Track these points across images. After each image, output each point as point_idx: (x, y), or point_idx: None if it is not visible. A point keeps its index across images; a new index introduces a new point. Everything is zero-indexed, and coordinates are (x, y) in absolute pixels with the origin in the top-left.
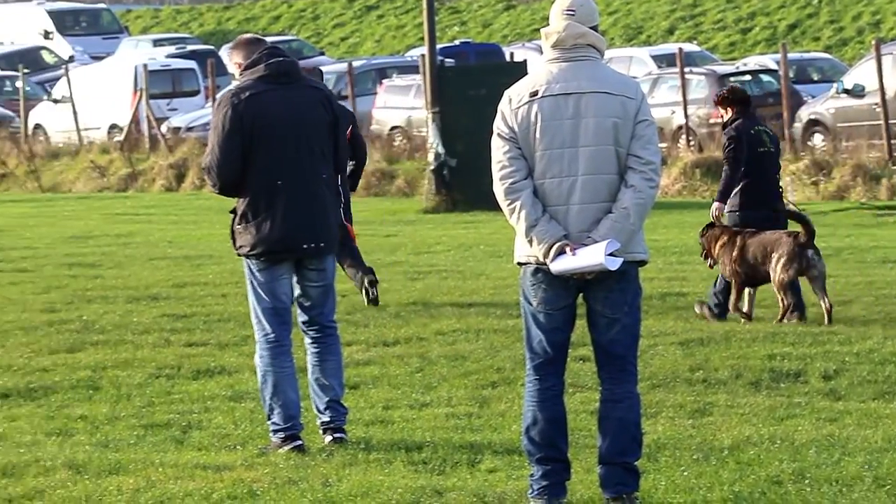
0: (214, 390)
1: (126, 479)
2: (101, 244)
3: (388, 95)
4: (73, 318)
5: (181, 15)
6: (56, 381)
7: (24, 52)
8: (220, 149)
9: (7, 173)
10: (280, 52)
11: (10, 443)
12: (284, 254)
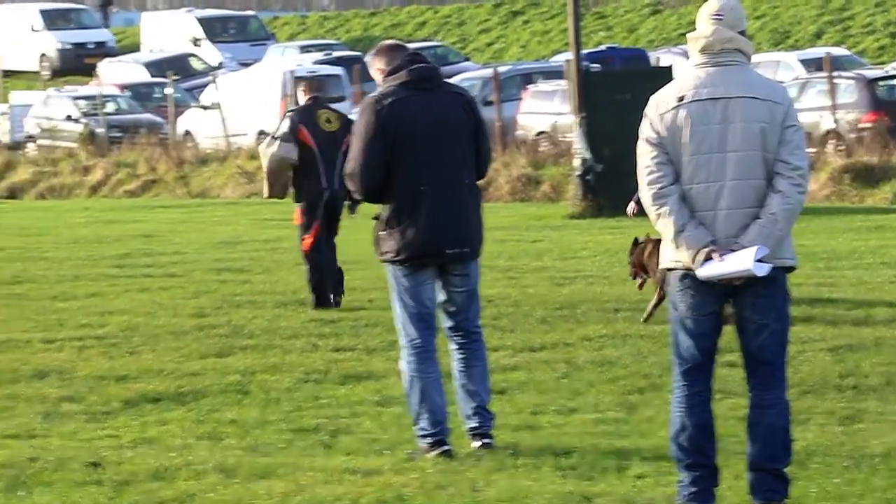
0: (362, 395)
1: (275, 484)
2: (250, 249)
3: (534, 101)
4: (222, 323)
5: (328, 21)
6: (206, 385)
7: (174, 59)
8: (364, 155)
9: (157, 179)
10: (421, 58)
11: (161, 446)
12: (428, 259)
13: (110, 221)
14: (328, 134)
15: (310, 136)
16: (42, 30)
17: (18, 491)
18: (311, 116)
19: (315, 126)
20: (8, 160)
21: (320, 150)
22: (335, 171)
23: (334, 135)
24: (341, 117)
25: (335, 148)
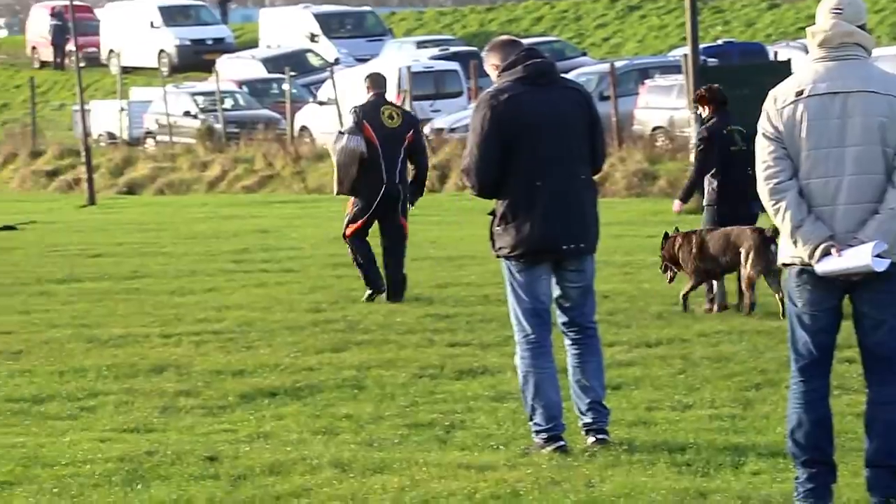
0: (477, 390)
1: (390, 478)
2: None
3: (651, 96)
4: (337, 318)
5: (444, 17)
6: (321, 380)
7: (291, 54)
8: (479, 151)
9: (274, 174)
10: (537, 53)
11: (278, 441)
12: (544, 255)
13: (228, 217)
14: (390, 130)
15: (373, 132)
16: (161, 26)
17: (136, 484)
18: (375, 112)
19: (378, 122)
20: (127, 156)
21: (382, 145)
22: (395, 167)
23: (396, 131)
24: (403, 114)
25: (397, 144)
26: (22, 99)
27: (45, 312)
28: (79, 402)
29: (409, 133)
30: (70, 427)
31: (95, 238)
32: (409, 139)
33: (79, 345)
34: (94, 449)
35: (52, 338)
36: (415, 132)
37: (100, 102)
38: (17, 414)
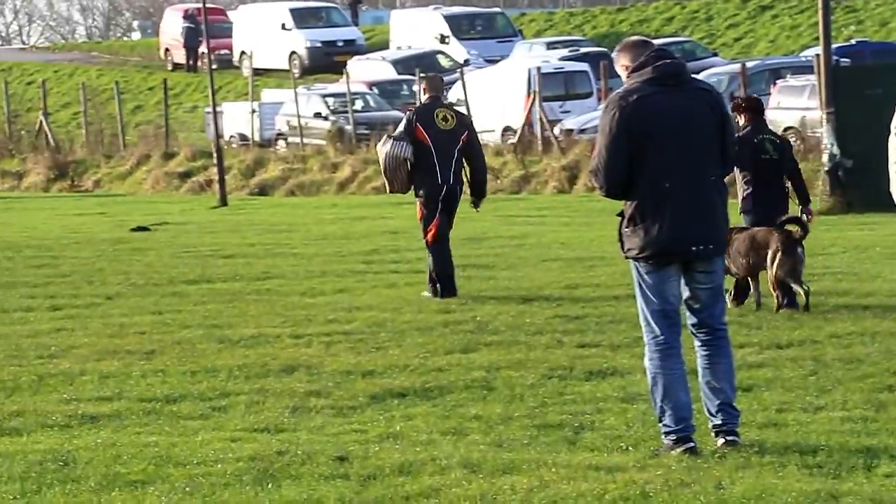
0: (607, 391)
1: (519, 479)
2: (495, 246)
3: (782, 96)
4: (467, 319)
5: (574, 17)
6: (451, 380)
7: (421, 56)
8: (607, 151)
9: None
10: (667, 54)
11: (407, 441)
12: (673, 256)
13: (358, 218)
14: (444, 132)
15: (426, 133)
16: (292, 28)
17: (266, 484)
18: (429, 115)
19: (432, 124)
20: (258, 157)
21: (436, 147)
22: (451, 168)
23: (451, 132)
24: (458, 115)
25: (451, 145)
26: (155, 101)
27: (178, 313)
28: (210, 401)
29: (464, 134)
30: (202, 427)
31: (227, 239)
32: (464, 140)
33: (210, 345)
34: (225, 448)
35: (184, 338)
36: (469, 133)
37: (232, 104)
38: (149, 413)
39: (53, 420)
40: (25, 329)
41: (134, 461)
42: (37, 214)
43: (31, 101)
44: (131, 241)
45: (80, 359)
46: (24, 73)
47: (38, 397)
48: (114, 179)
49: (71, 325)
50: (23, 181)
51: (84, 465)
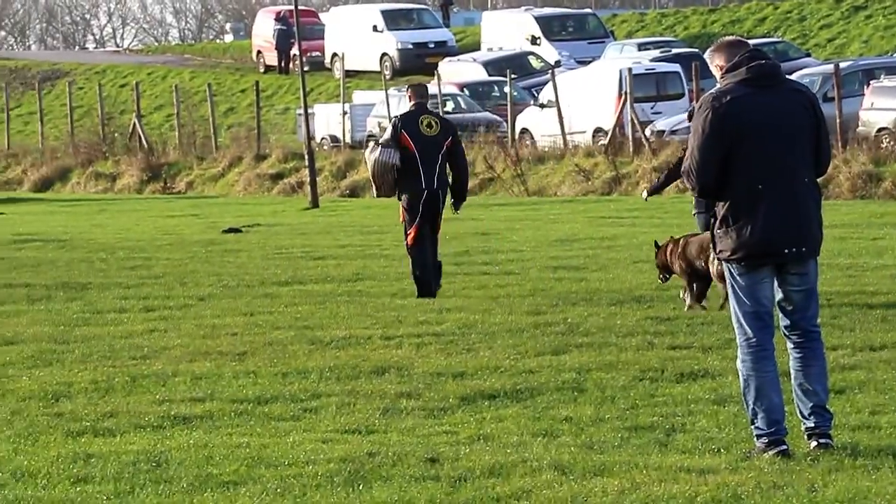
0: (698, 393)
1: (610, 481)
2: (586, 247)
3: (876, 97)
4: (557, 321)
5: (666, 18)
6: (541, 382)
7: (512, 57)
8: (699, 152)
9: (495, 177)
10: (762, 54)
11: (497, 443)
12: (765, 258)
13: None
14: (428, 138)
15: (411, 140)
16: (384, 30)
17: (357, 485)
18: (414, 122)
19: (417, 131)
20: (349, 159)
21: (420, 153)
22: (434, 172)
23: (434, 139)
24: (441, 122)
25: (435, 151)
26: (247, 103)
27: (269, 314)
28: (301, 403)
29: (447, 140)
30: (293, 428)
31: (318, 241)
32: (447, 146)
33: (302, 346)
34: (316, 450)
35: (275, 339)
36: (452, 139)
37: (323, 106)
38: (241, 415)
39: (146, 421)
40: (119, 330)
41: (226, 462)
42: (130, 216)
43: (124, 103)
44: (223, 243)
45: (173, 360)
46: (117, 75)
47: (132, 398)
48: (206, 181)
49: (164, 327)
50: (116, 183)
51: (176, 465)
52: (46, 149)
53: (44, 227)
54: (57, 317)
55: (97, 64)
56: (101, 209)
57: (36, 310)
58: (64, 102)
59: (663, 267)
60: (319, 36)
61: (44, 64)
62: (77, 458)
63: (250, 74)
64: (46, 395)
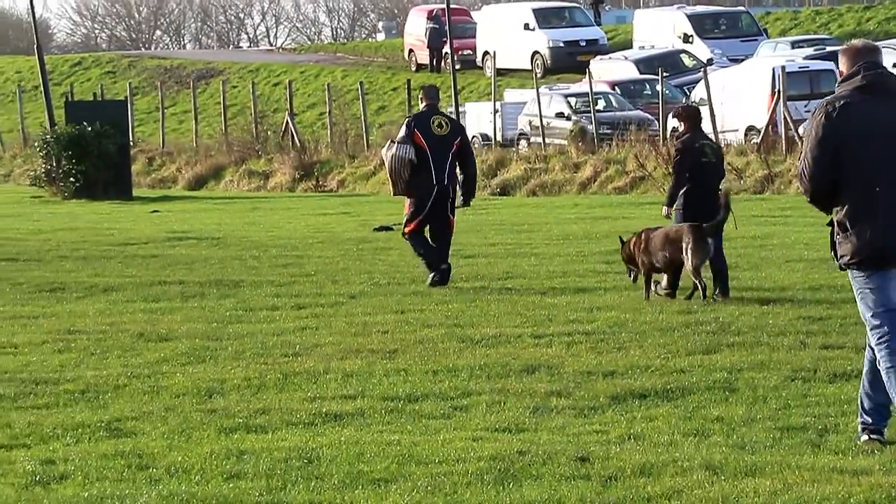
0: (851, 394)
1: (762, 482)
2: (737, 246)
3: None
4: (709, 320)
5: (820, 16)
6: (692, 382)
7: (664, 55)
8: (811, 156)
9: (645, 176)
10: (878, 63)
11: (648, 442)
12: (884, 262)
13: (599, 218)
14: (439, 137)
15: (423, 138)
16: (535, 28)
17: (508, 483)
18: (426, 122)
19: (429, 130)
20: (501, 157)
21: (432, 151)
22: (444, 170)
23: (445, 138)
24: (452, 123)
25: (446, 149)
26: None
27: (420, 312)
28: (452, 401)
29: (457, 140)
30: (443, 426)
31: (469, 239)
32: (457, 145)
33: (452, 344)
34: (466, 448)
35: (426, 337)
36: (461, 139)
37: (474, 104)
38: (392, 412)
39: (298, 418)
40: (271, 327)
41: (377, 459)
42: (282, 214)
43: (277, 101)
44: (374, 241)
45: (325, 357)
46: (270, 74)
47: (284, 395)
48: (357, 179)
49: (315, 324)
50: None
51: (328, 462)
52: (200, 147)
53: (197, 225)
54: (210, 314)
55: (251, 63)
56: (254, 207)
57: (190, 307)
58: (218, 101)
59: (629, 261)
60: (471, 34)
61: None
62: (230, 454)
63: (402, 73)
64: (200, 391)
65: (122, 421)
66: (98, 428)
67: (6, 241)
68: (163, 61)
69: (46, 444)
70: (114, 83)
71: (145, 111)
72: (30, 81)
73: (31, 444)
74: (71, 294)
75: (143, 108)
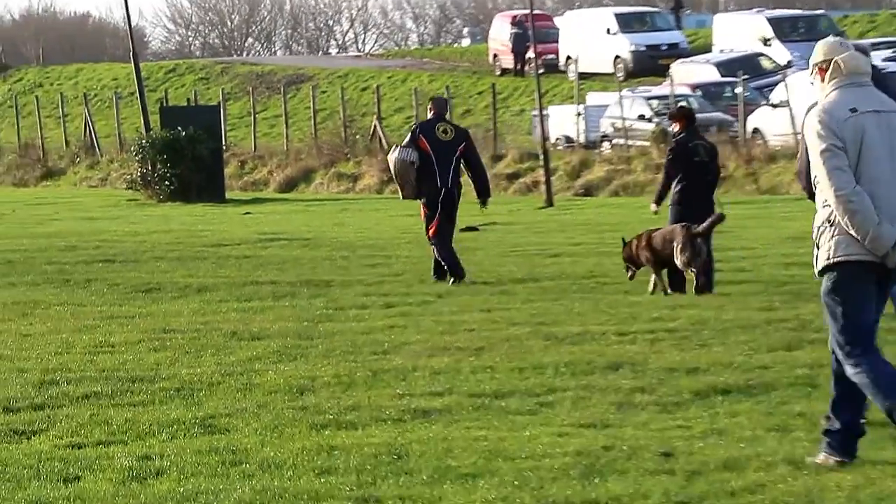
0: None
1: (845, 476)
2: None
3: None
4: (790, 317)
5: None
6: (775, 378)
7: (744, 58)
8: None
9: (726, 176)
10: None
11: (731, 438)
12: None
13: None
14: (444, 143)
15: (428, 143)
16: (617, 33)
17: (593, 478)
18: (431, 128)
19: (433, 136)
20: (583, 159)
21: (436, 156)
22: (449, 173)
23: (449, 143)
24: (456, 129)
25: (450, 154)
26: (483, 105)
27: (506, 310)
28: (538, 397)
29: (461, 145)
30: (529, 422)
31: (553, 238)
32: (461, 150)
33: (537, 342)
34: (552, 443)
35: (512, 335)
36: (466, 145)
37: (557, 108)
38: (478, 409)
39: (387, 414)
40: (360, 326)
41: (464, 455)
42: (370, 215)
43: (365, 106)
44: (461, 241)
45: (413, 355)
46: (359, 79)
47: (373, 392)
48: None
49: (403, 322)
50: (357, 183)
51: (417, 458)
52: (291, 150)
53: (288, 227)
54: (301, 313)
55: (339, 68)
56: (343, 209)
57: (281, 306)
58: (308, 105)
59: (629, 260)
60: (554, 39)
61: (289, 69)
62: (321, 450)
63: (487, 77)
64: (291, 388)
65: (216, 418)
66: (193, 424)
67: (103, 243)
68: (254, 67)
69: (143, 441)
70: (207, 89)
71: (237, 116)
72: (126, 88)
73: (128, 441)
74: (166, 294)
75: (235, 113)
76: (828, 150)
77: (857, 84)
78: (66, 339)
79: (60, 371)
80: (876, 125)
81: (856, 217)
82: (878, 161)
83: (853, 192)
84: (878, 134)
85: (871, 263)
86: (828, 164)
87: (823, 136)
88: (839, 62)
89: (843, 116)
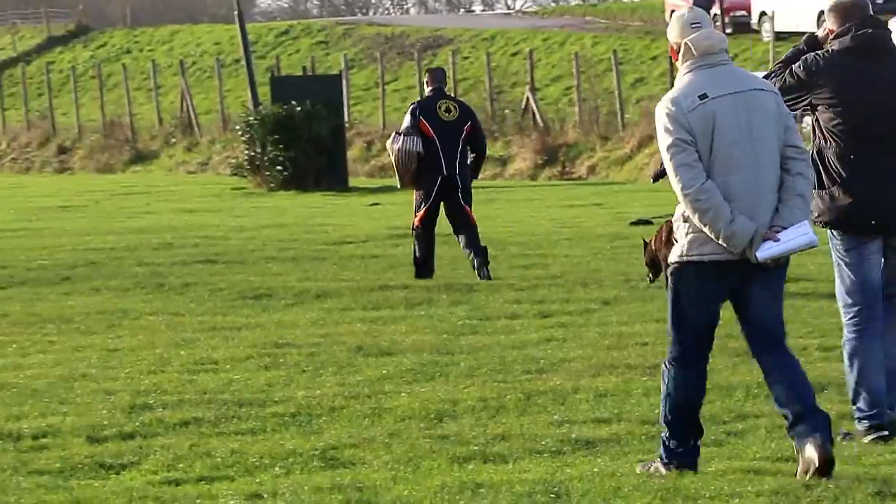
0: None
1: None
2: None
3: None
4: None
5: None
6: None
7: None
8: None
9: None
10: (871, 21)
11: None
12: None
13: None
14: (447, 123)
15: (430, 126)
16: None
17: None
18: (431, 108)
19: (435, 117)
20: None
21: (440, 138)
22: (455, 159)
23: (453, 124)
24: (460, 106)
25: (455, 136)
26: (659, 72)
27: None
28: (725, 425)
29: (467, 125)
30: (715, 454)
31: None
32: (468, 131)
33: (723, 358)
34: (742, 480)
35: None
36: (472, 124)
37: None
38: (652, 438)
39: (543, 445)
40: (511, 339)
41: (636, 494)
42: (523, 206)
43: (516, 74)
44: (631, 237)
45: (573, 374)
46: (508, 42)
47: (526, 418)
48: (611, 165)
49: (562, 335)
50: (507, 168)
51: (579, 497)
52: None
53: None
54: (440, 323)
55: (485, 29)
56: (490, 198)
57: (416, 315)
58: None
59: (651, 264)
60: None
61: (424, 30)
62: (464, 487)
63: (662, 39)
64: (428, 414)
65: (339, 449)
66: (311, 457)
67: (204, 240)
68: (383, 29)
69: (252, 476)
70: (326, 55)
71: (363, 87)
72: (230, 54)
73: (234, 476)
74: (278, 301)
75: (360, 84)
76: (674, 146)
77: (710, 65)
78: (161, 354)
79: (154, 393)
80: (731, 109)
81: (706, 216)
82: (733, 147)
83: (700, 189)
84: (733, 118)
85: (727, 263)
86: (674, 160)
87: (670, 130)
88: (689, 44)
89: (690, 106)
